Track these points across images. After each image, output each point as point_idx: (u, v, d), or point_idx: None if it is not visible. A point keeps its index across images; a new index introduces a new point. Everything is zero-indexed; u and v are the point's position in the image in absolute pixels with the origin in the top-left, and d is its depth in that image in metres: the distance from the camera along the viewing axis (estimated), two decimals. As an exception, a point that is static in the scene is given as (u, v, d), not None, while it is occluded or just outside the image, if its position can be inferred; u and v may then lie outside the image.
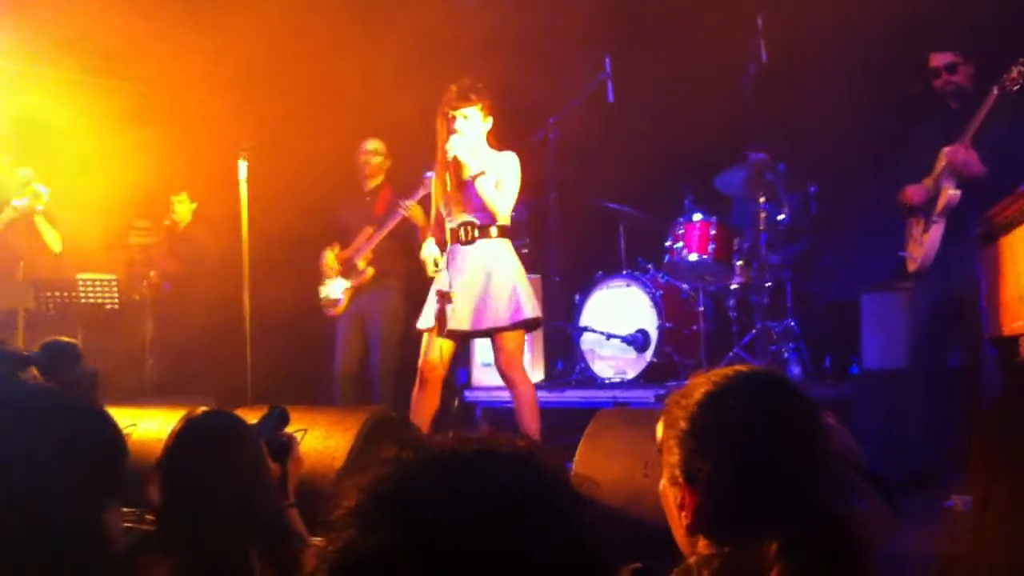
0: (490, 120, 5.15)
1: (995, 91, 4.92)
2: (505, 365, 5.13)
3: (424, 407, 5.12)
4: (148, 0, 7.57)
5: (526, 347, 7.51)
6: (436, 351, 5.10)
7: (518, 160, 5.16)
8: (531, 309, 5.09)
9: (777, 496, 1.56)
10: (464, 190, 5.13)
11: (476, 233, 5.12)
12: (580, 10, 7.82)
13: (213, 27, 7.42)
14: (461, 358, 7.11)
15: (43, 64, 7.61)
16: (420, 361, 5.19)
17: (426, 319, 5.18)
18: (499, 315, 5.04)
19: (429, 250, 5.35)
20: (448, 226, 5.23)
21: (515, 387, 5.14)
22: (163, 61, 7.59)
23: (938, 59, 5.29)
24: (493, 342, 5.18)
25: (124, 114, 7.37)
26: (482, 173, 5.03)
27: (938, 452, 5.00)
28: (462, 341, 5.21)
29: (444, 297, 5.04)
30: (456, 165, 5.07)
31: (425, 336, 5.17)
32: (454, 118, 5.06)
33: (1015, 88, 4.86)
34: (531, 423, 5.12)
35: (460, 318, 5.04)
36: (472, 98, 5.06)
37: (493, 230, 5.13)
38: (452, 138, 5.02)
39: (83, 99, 7.68)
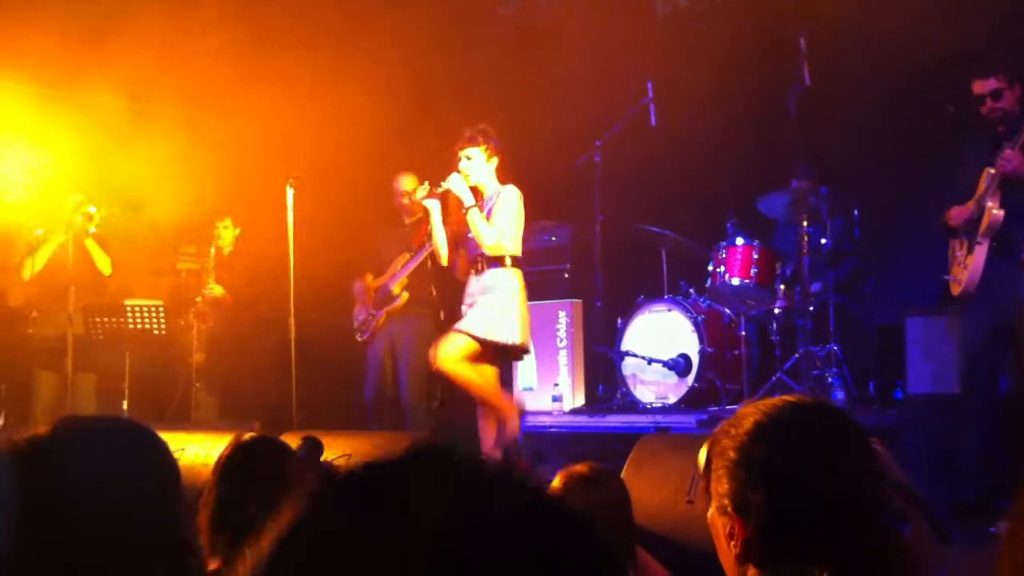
0: (495, 160, 5.57)
1: None
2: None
3: (484, 432, 5.45)
4: (197, 30, 7.70)
5: (567, 370, 7.59)
6: (480, 375, 5.43)
7: (516, 193, 5.52)
8: (511, 335, 5.36)
9: (828, 526, 1.55)
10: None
11: (486, 264, 5.48)
12: (624, 35, 7.85)
13: (261, 55, 7.53)
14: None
15: (87, 90, 7.72)
16: None
17: None
18: (473, 324, 5.36)
19: None
20: (469, 256, 5.63)
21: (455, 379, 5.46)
22: (212, 88, 7.70)
23: (982, 86, 5.12)
24: None
25: (170, 139, 7.45)
26: (474, 206, 5.44)
27: (988, 479, 4.92)
28: (502, 360, 5.64)
29: None
30: (453, 199, 5.54)
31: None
32: (460, 158, 5.54)
33: None
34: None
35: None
36: (478, 140, 5.52)
37: (507, 260, 5.48)
38: (451, 175, 5.49)
39: (126, 124, 7.80)
